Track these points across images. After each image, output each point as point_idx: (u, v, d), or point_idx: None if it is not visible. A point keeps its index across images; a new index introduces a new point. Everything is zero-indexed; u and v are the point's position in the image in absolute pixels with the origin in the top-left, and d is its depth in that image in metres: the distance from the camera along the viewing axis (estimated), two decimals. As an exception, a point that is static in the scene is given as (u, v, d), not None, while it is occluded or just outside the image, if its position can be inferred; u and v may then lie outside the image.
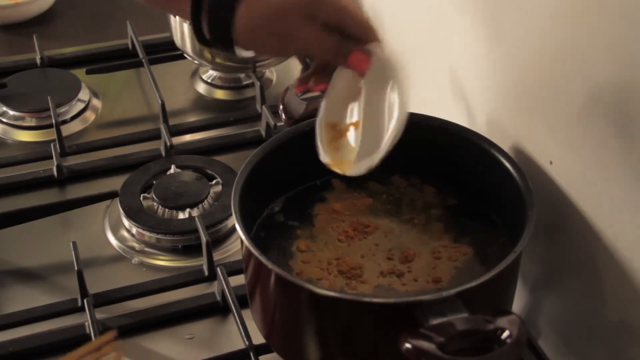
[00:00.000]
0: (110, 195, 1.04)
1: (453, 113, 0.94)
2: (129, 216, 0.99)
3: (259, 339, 0.82)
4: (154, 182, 1.04)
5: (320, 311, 0.72)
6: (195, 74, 1.29)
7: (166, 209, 1.01)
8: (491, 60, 0.86)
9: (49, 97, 1.14)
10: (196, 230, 0.95)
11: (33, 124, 1.17)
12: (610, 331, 0.77)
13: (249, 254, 0.75)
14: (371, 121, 0.78)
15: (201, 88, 1.27)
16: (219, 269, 0.91)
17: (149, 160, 1.08)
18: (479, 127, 0.89)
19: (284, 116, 0.89)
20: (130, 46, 1.32)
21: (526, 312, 0.87)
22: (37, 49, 1.28)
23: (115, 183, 1.05)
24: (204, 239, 0.93)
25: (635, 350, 0.73)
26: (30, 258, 0.97)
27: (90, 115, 1.21)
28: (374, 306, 0.69)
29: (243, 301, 0.85)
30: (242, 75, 1.26)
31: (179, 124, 1.16)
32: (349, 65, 0.76)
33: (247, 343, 0.84)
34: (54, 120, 1.11)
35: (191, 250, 0.98)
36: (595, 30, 0.69)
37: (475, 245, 0.82)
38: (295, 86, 0.81)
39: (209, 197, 1.02)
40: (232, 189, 0.79)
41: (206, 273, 0.93)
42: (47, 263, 0.97)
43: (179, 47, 1.22)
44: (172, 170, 1.06)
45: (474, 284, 0.69)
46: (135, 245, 0.99)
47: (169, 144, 1.08)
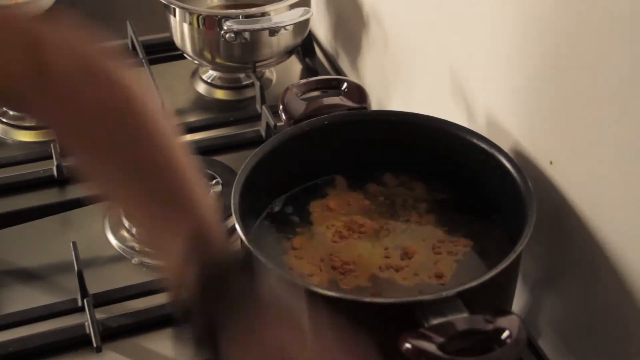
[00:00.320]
0: (110, 195, 1.04)
1: (453, 113, 0.94)
2: (129, 216, 0.99)
3: (259, 339, 0.82)
4: (154, 182, 1.04)
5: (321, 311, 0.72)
6: (195, 74, 1.29)
7: (166, 209, 1.00)
8: (491, 60, 0.86)
9: (49, 97, 1.14)
10: (196, 230, 0.95)
11: (33, 124, 1.17)
12: (610, 331, 0.77)
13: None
14: None
15: (201, 88, 1.27)
16: (219, 269, 0.90)
17: (149, 160, 1.08)
18: (479, 127, 0.89)
19: (284, 116, 0.89)
20: (130, 46, 1.32)
21: (526, 312, 0.87)
22: (37, 49, 1.28)
23: (115, 183, 1.05)
24: (204, 239, 0.92)
25: (635, 350, 0.73)
26: (30, 258, 0.97)
27: (90, 115, 1.20)
28: (374, 306, 0.69)
29: (243, 301, 0.85)
30: (242, 75, 1.26)
31: (179, 124, 1.16)
32: None
33: (247, 343, 0.84)
34: (54, 120, 1.10)
35: (191, 250, 0.98)
36: (596, 30, 0.69)
37: (473, 237, 0.83)
38: None
39: (209, 197, 1.02)
40: (232, 189, 0.79)
41: (206, 273, 0.93)
42: (47, 263, 0.97)
43: (179, 47, 1.22)
44: (172, 170, 1.06)
45: (474, 284, 0.69)
46: (135, 245, 0.99)
47: (169, 144, 1.08)
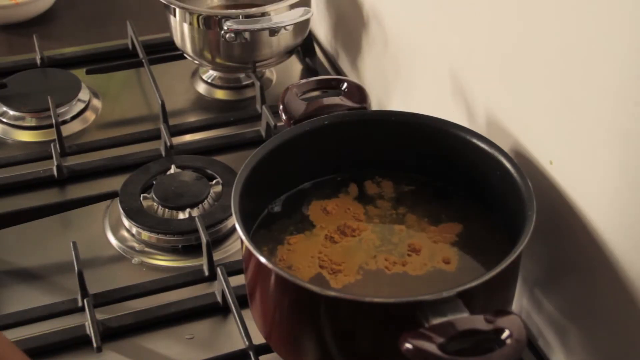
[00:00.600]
0: (110, 195, 1.04)
1: (453, 113, 0.94)
2: (129, 216, 0.99)
3: (259, 339, 0.82)
4: (154, 182, 1.04)
5: (321, 311, 0.72)
6: (195, 74, 1.29)
7: (166, 209, 1.01)
8: (491, 60, 0.86)
9: (49, 97, 1.14)
10: (196, 230, 0.95)
11: (33, 124, 1.17)
12: (610, 331, 0.77)
13: (249, 254, 0.75)
14: None
15: (201, 88, 1.27)
16: (219, 269, 0.91)
17: (149, 160, 1.08)
18: (479, 127, 0.89)
19: (284, 116, 0.89)
20: (130, 46, 1.32)
21: (526, 312, 0.87)
22: (37, 49, 1.28)
23: (115, 183, 1.05)
24: (204, 239, 0.93)
25: (635, 350, 0.73)
26: (30, 258, 0.97)
27: (90, 116, 1.21)
28: (374, 306, 0.69)
29: (243, 301, 0.85)
30: (242, 75, 1.26)
31: (179, 124, 1.16)
32: None
33: (247, 343, 0.84)
34: (54, 120, 1.11)
35: (191, 250, 0.98)
36: (596, 30, 0.69)
37: (461, 219, 0.85)
38: None
39: (209, 197, 1.02)
40: (232, 189, 0.79)
41: (206, 273, 0.93)
42: (47, 263, 0.97)
43: (179, 47, 1.22)
44: (172, 170, 1.06)
45: (474, 284, 0.69)
46: (135, 245, 0.99)
47: (169, 144, 1.08)
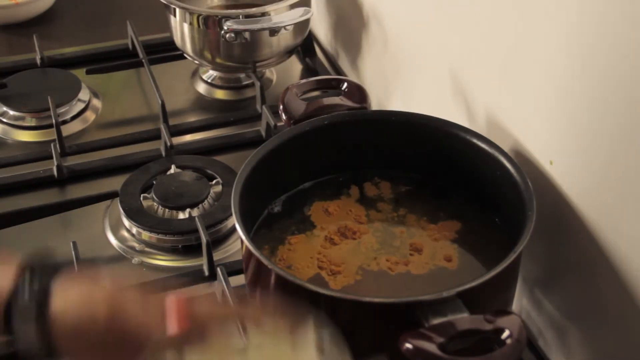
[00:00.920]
0: (111, 195, 1.04)
1: (453, 113, 0.94)
2: (129, 216, 0.99)
3: (259, 338, 0.82)
4: (154, 182, 1.04)
5: (321, 311, 0.72)
6: (195, 74, 1.29)
7: (166, 209, 1.01)
8: (491, 60, 0.86)
9: (49, 97, 1.14)
10: (196, 230, 0.95)
11: (33, 124, 1.17)
12: (610, 331, 0.77)
13: (249, 254, 0.75)
14: None
15: (201, 88, 1.27)
16: (219, 269, 0.90)
17: (149, 160, 1.08)
18: (479, 127, 0.89)
19: (284, 116, 0.89)
20: (130, 46, 1.32)
21: (526, 312, 0.87)
22: (37, 49, 1.28)
23: (115, 183, 1.05)
24: (204, 239, 0.93)
25: (635, 350, 0.73)
26: (30, 258, 0.97)
27: (90, 115, 1.21)
28: (374, 306, 0.69)
29: (243, 301, 0.85)
30: (242, 75, 1.26)
31: (179, 124, 1.16)
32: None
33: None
34: (54, 120, 1.11)
35: (191, 250, 0.98)
36: (597, 31, 0.69)
37: (459, 217, 0.85)
38: None
39: (209, 197, 1.02)
40: (232, 189, 0.79)
41: (206, 273, 0.93)
42: (47, 263, 0.97)
43: (179, 47, 1.22)
44: (172, 170, 1.06)
45: (474, 284, 0.69)
46: (136, 245, 0.99)
47: (169, 144, 1.08)
